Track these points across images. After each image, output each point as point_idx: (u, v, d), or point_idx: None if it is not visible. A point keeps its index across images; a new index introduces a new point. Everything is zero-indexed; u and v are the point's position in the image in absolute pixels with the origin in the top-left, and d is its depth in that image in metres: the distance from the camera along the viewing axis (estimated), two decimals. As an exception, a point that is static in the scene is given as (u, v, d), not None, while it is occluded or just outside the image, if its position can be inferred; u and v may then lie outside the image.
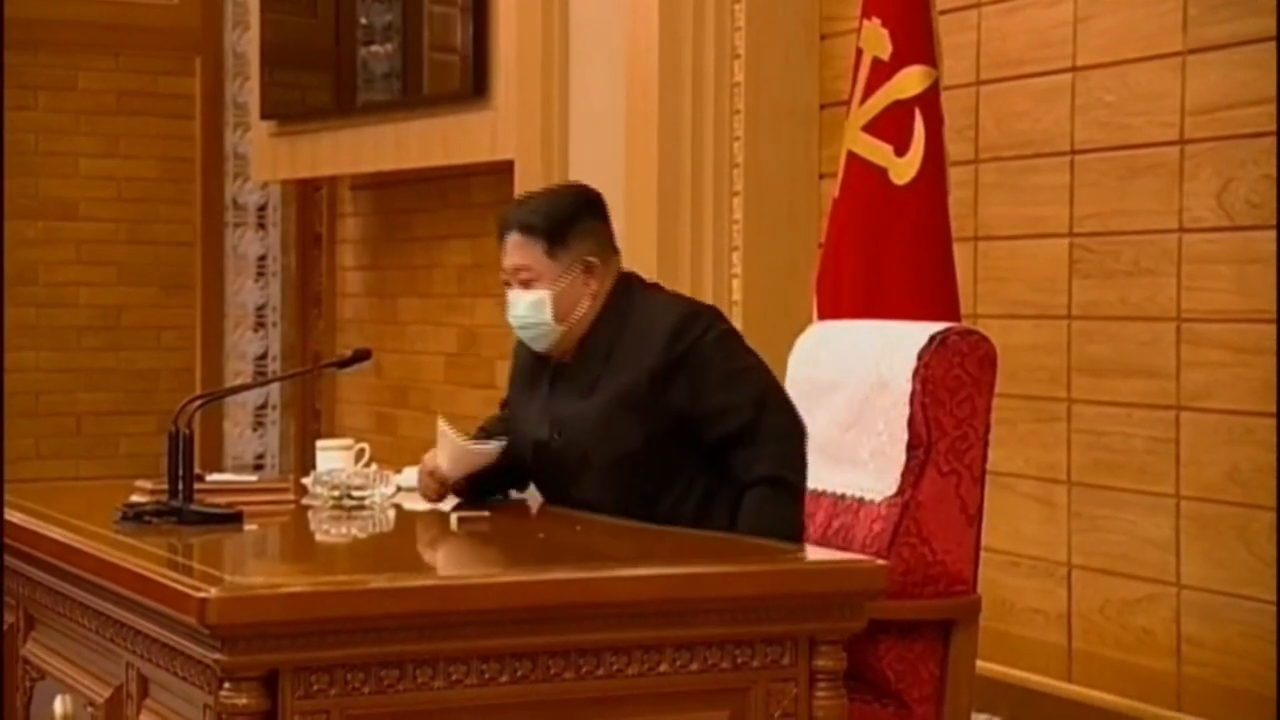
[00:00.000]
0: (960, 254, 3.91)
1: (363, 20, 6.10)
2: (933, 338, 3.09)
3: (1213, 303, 3.69)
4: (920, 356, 3.07)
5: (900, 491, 3.07)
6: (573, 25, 5.13)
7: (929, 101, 3.77)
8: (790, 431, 3.02)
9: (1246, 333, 3.61)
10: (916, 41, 3.80)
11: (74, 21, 6.66)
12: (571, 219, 3.11)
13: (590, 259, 3.10)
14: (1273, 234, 3.56)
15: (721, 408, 3.01)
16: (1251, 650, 3.58)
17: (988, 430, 3.11)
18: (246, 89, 6.94)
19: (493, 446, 3.16)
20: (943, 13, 3.91)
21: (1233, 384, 3.64)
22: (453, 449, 3.15)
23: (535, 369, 3.20)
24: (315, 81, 6.47)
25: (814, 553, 2.64)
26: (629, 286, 3.15)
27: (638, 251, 4.74)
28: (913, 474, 3.07)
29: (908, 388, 3.07)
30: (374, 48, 6.06)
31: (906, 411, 3.07)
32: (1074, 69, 3.99)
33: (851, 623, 2.55)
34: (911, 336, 3.13)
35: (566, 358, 3.14)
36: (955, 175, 3.96)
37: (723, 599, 2.52)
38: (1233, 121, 3.65)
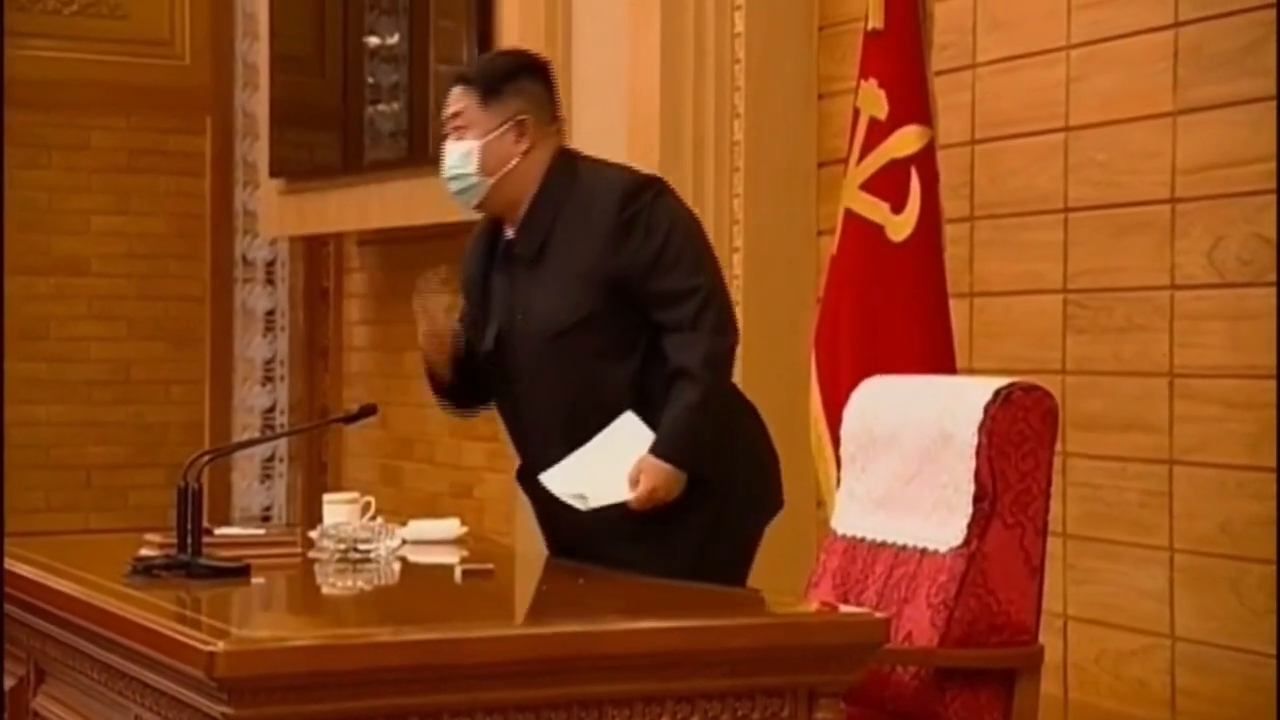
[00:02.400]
0: (956, 309, 3.92)
1: (370, 80, 6.13)
2: (997, 392, 3.11)
3: (1205, 358, 3.69)
4: (986, 410, 3.10)
5: (967, 542, 3.09)
6: (574, 85, 5.15)
7: (925, 160, 3.79)
8: (718, 327, 3.09)
9: (1239, 388, 3.61)
10: (912, 101, 3.83)
11: (87, 82, 6.69)
12: (507, 75, 3.15)
13: (522, 117, 3.11)
14: (1263, 290, 3.57)
15: (665, 292, 3.07)
16: (1245, 701, 3.57)
17: (1049, 483, 3.13)
18: (256, 148, 6.97)
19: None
20: (938, 73, 3.94)
21: (1225, 438, 3.64)
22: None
23: (483, 267, 3.20)
24: (323, 140, 6.50)
25: (813, 605, 2.64)
26: (570, 159, 3.18)
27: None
28: (979, 525, 3.09)
29: (973, 441, 3.09)
30: (381, 107, 6.09)
31: (972, 464, 3.09)
32: (1067, 128, 4.00)
33: (850, 675, 2.55)
34: (976, 391, 3.15)
35: (513, 229, 3.14)
36: (951, 232, 3.98)
37: (723, 651, 2.52)
38: (1223, 180, 3.66)
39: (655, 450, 3.07)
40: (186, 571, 2.84)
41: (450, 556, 3.24)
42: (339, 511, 3.27)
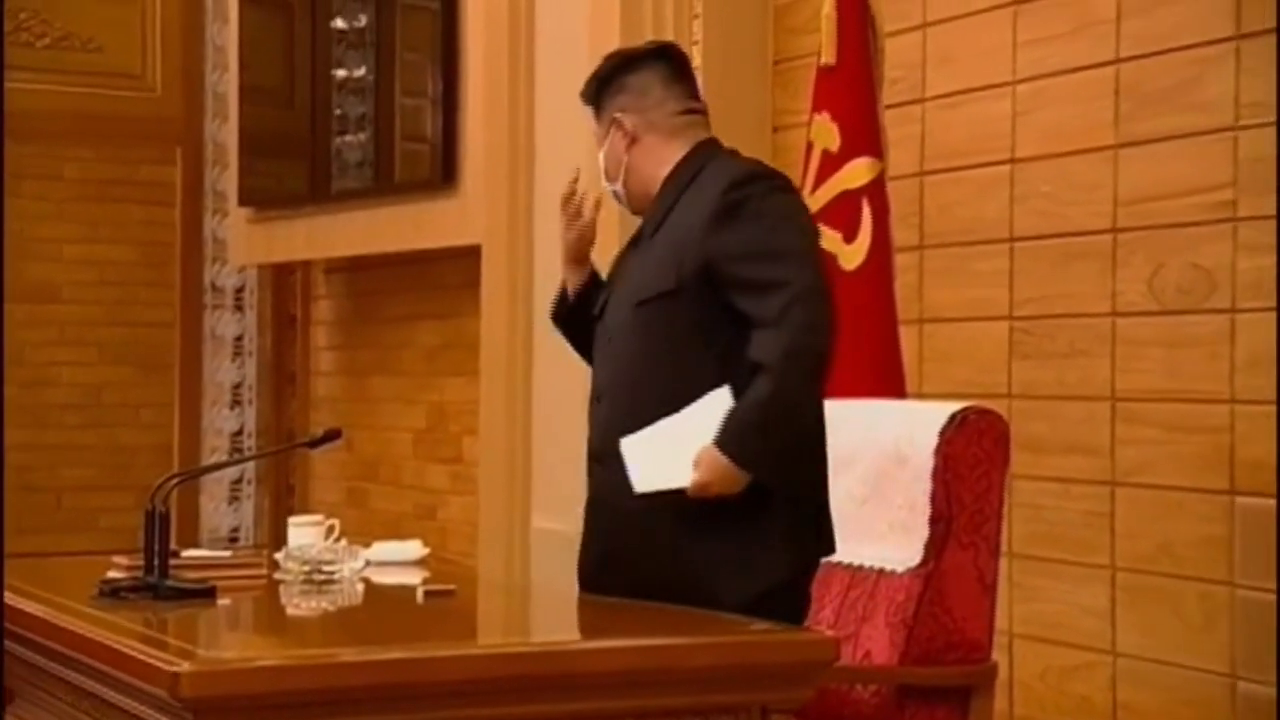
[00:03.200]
0: (906, 335, 3.95)
1: (337, 111, 6.13)
2: (952, 417, 3.13)
3: (1145, 383, 3.72)
4: (941, 434, 3.12)
5: (924, 563, 3.11)
6: (537, 116, 5.16)
7: (876, 191, 3.81)
8: (803, 325, 2.78)
9: (1178, 412, 3.64)
10: (864, 135, 3.85)
11: (60, 113, 6.67)
12: (604, 80, 3.03)
13: (618, 114, 2.98)
14: (1201, 317, 3.60)
15: (754, 280, 2.80)
16: (1183, 715, 3.59)
17: (1002, 504, 3.15)
18: (225, 177, 6.96)
19: None
20: (889, 107, 3.96)
21: (1164, 461, 3.66)
22: None
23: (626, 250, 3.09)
24: (291, 170, 6.49)
25: (765, 625, 2.64)
26: (710, 150, 2.99)
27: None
28: (935, 546, 3.11)
29: (929, 464, 3.11)
30: (348, 138, 6.09)
31: (928, 486, 3.11)
32: (1013, 161, 4.03)
33: (802, 692, 2.55)
34: (931, 415, 3.17)
35: (645, 215, 3.02)
36: (901, 261, 4.01)
37: (679, 670, 2.52)
38: (1162, 211, 3.69)
39: (716, 441, 2.78)
40: (153, 593, 2.82)
41: (413, 577, 3.23)
42: (304, 534, 3.26)
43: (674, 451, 2.83)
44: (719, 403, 2.80)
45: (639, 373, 2.90)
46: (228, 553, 3.48)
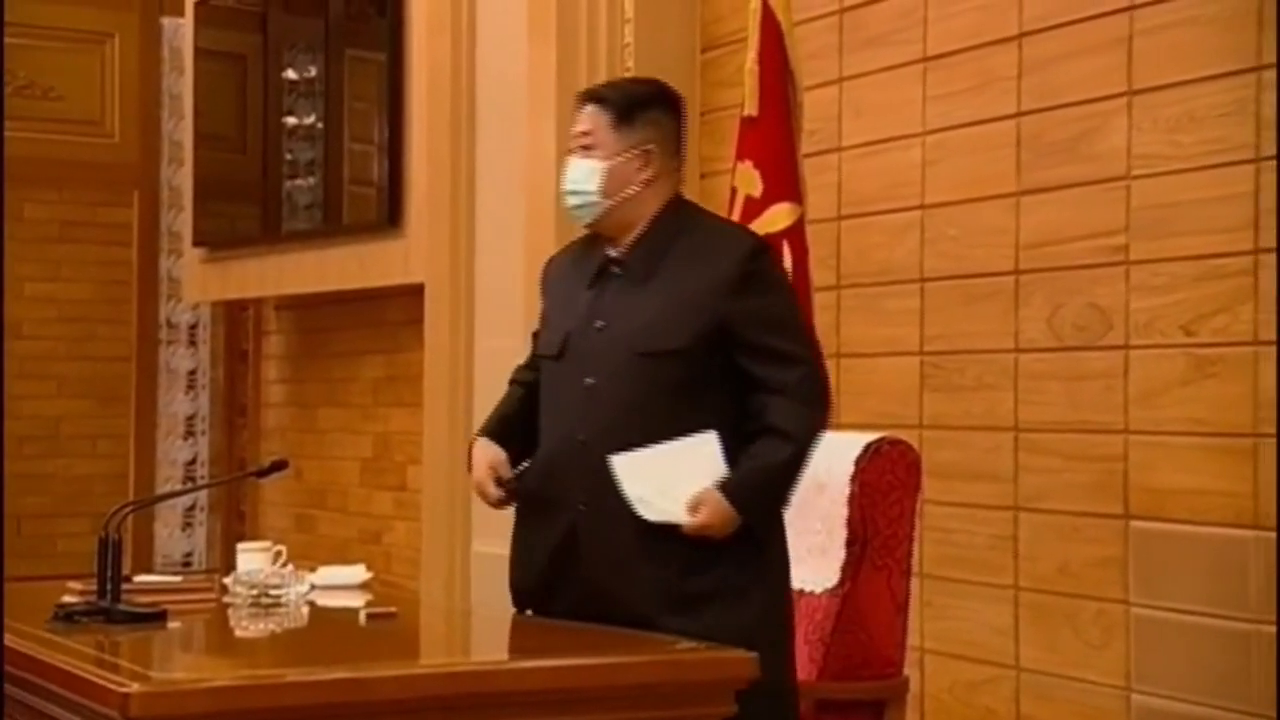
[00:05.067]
0: (824, 370, 3.95)
1: (288, 157, 6.10)
2: (868, 446, 3.15)
3: (1045, 414, 3.75)
4: (857, 463, 3.13)
5: (841, 584, 3.12)
6: (478, 161, 5.17)
7: (796, 234, 3.82)
8: (819, 403, 2.83)
9: (1075, 441, 3.67)
10: (784, 181, 3.86)
11: (22, 158, 6.60)
12: (643, 103, 2.90)
13: (650, 147, 2.87)
14: (1096, 353, 3.63)
15: (773, 349, 2.80)
16: (1083, 727, 3.61)
17: (914, 528, 3.16)
18: (180, 219, 6.92)
19: None
20: (807, 156, 3.99)
21: (1063, 487, 3.69)
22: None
23: (575, 274, 2.93)
24: (244, 212, 6.46)
25: (690, 644, 2.63)
26: (686, 202, 2.96)
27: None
28: (851, 568, 3.12)
29: (846, 490, 3.12)
30: (298, 181, 6.06)
31: (845, 511, 3.12)
32: (922, 207, 4.06)
33: (725, 708, 2.55)
34: (847, 445, 3.17)
35: (618, 249, 2.88)
36: (820, 299, 4.02)
37: (607, 688, 2.51)
38: (1060, 255, 3.73)
39: (726, 488, 2.76)
40: (106, 617, 2.78)
41: (356, 600, 3.20)
42: (252, 559, 3.23)
43: (668, 484, 2.78)
44: (708, 445, 2.78)
45: (634, 423, 2.79)
46: (178, 578, 3.44)
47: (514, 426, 2.99)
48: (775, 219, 3.87)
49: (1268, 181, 3.29)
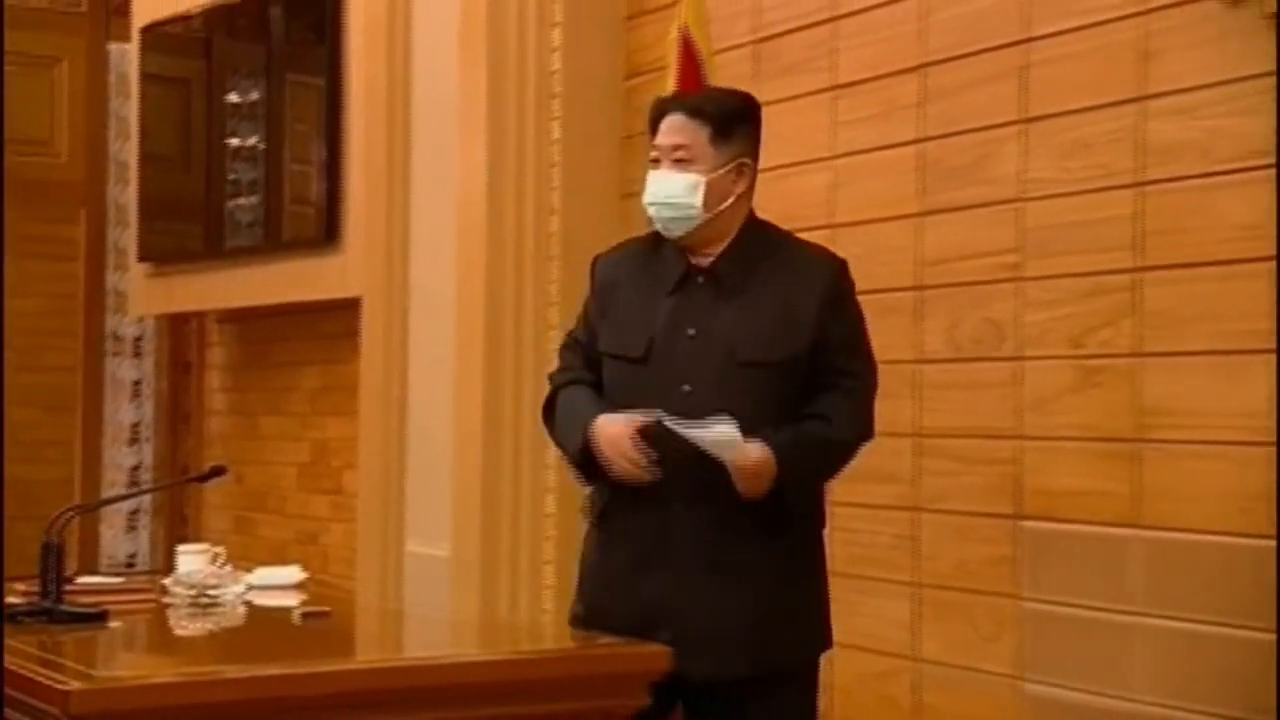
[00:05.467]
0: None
1: (231, 176, 6.06)
2: None
3: (944, 421, 3.78)
4: None
5: None
6: (412, 181, 5.15)
7: None
8: (868, 408, 2.84)
9: (972, 446, 3.70)
10: None
11: (-28, 176, 6.51)
12: (740, 116, 2.78)
13: (745, 160, 2.77)
14: (992, 364, 3.66)
15: (843, 368, 2.77)
16: (977, 712, 3.63)
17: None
18: (126, 235, 6.84)
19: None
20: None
21: (961, 490, 3.72)
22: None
23: (647, 279, 2.77)
24: (188, 229, 6.39)
25: (608, 640, 2.64)
26: (761, 218, 2.88)
27: (468, 375, 4.74)
28: None
29: None
30: (240, 200, 6.02)
31: None
32: (831, 226, 4.08)
33: (639, 699, 2.56)
34: None
35: (702, 258, 2.74)
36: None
37: (529, 680, 2.52)
38: (959, 272, 3.76)
39: (771, 441, 2.67)
40: (49, 617, 2.75)
41: (292, 600, 3.18)
42: (191, 560, 3.20)
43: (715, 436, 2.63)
44: (728, 426, 2.64)
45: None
46: (120, 579, 3.40)
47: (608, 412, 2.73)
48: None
49: (1150, 205, 3.33)
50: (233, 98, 6.06)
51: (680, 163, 2.73)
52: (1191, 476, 3.22)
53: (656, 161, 2.76)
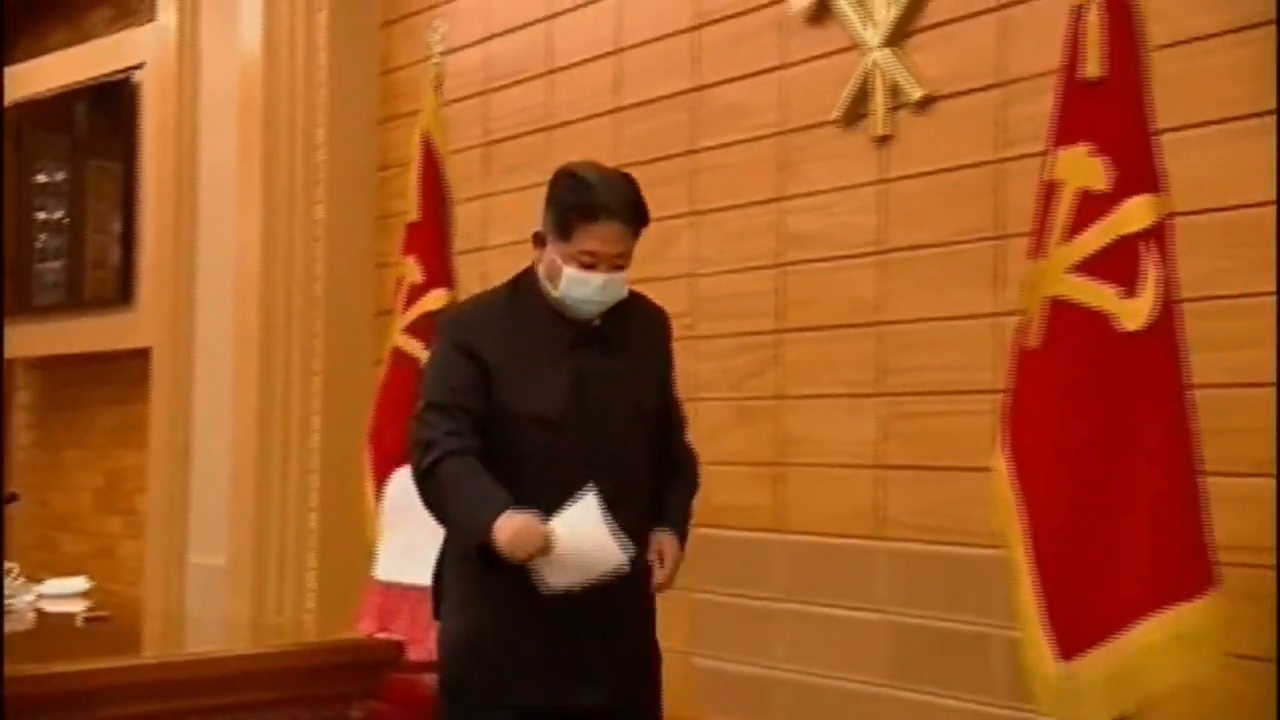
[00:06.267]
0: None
1: (39, 245, 5.78)
2: None
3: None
4: None
5: None
6: (197, 250, 5.03)
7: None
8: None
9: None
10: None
11: None
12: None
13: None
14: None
15: (675, 409, 2.60)
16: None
17: None
18: (-58, 292, 6.40)
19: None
20: (460, 253, 3.95)
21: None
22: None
23: (539, 340, 2.41)
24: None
25: (352, 634, 2.60)
26: None
27: (243, 413, 4.61)
28: None
29: None
30: (47, 264, 5.75)
31: None
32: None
33: (375, 684, 2.53)
34: None
35: (595, 321, 2.46)
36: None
37: (284, 670, 2.47)
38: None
39: (675, 529, 2.49)
40: None
41: (77, 606, 3.02)
42: (-12, 575, 3.01)
43: (598, 538, 2.30)
44: (592, 502, 2.30)
45: (644, 477, 2.46)
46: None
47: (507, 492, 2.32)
48: (430, 302, 3.85)
49: (790, 281, 3.47)
50: (41, 178, 5.80)
51: (621, 267, 2.44)
52: (821, 492, 3.36)
53: (588, 264, 2.40)
